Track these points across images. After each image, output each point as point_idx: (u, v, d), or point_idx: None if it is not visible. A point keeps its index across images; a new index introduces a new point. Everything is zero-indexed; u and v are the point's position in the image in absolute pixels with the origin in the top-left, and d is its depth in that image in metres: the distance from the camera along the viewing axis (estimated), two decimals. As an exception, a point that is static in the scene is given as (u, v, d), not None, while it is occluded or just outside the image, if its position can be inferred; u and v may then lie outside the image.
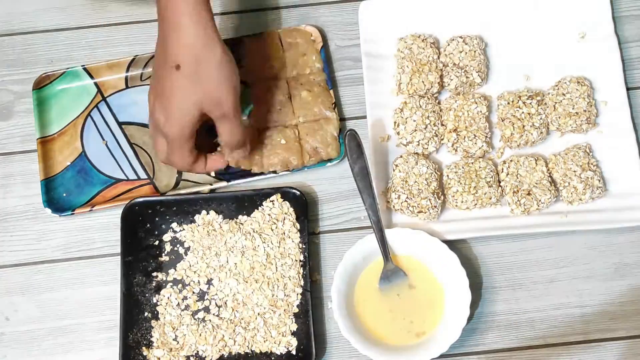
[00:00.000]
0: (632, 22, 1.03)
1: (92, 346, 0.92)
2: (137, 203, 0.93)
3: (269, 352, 0.89)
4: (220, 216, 0.94)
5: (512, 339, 0.91)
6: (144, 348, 0.89)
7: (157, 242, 0.94)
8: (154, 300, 0.91)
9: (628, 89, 0.98)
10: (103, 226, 0.96)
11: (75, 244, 0.95)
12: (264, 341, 0.89)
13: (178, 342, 0.90)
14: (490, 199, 0.92)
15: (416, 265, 0.91)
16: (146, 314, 0.91)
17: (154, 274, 0.92)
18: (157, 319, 0.91)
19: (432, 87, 0.97)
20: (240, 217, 0.94)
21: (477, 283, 0.91)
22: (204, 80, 0.84)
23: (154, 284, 0.92)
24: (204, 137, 0.92)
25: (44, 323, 0.93)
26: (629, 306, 0.91)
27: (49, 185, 0.96)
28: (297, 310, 0.90)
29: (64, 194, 0.96)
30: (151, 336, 0.90)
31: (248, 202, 0.94)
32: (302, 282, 0.91)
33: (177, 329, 0.90)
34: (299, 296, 0.91)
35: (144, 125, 0.98)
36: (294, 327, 0.90)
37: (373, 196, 0.90)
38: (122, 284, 0.91)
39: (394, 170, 0.94)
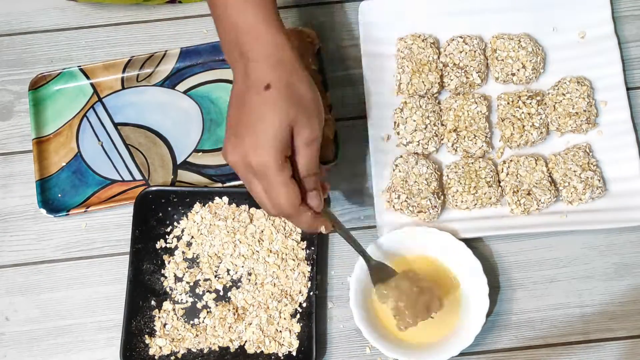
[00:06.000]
0: (632, 22, 1.02)
1: (92, 346, 0.92)
2: (150, 192, 0.93)
3: (269, 352, 0.89)
4: (233, 204, 0.94)
5: (512, 339, 0.91)
6: (146, 336, 0.90)
7: (168, 231, 0.94)
8: (161, 290, 0.92)
9: (628, 89, 0.98)
10: (103, 226, 0.96)
11: (75, 244, 0.95)
12: (266, 341, 0.89)
13: (180, 334, 0.90)
14: (490, 199, 0.92)
15: (434, 265, 0.91)
16: (152, 302, 0.91)
17: (163, 262, 0.93)
18: (162, 308, 0.91)
19: (432, 87, 0.97)
20: (252, 209, 0.94)
21: (477, 283, 0.91)
22: (297, 99, 0.75)
23: (161, 273, 0.92)
24: None
25: (44, 323, 0.93)
26: (629, 306, 0.91)
27: (44, 185, 0.96)
28: (301, 311, 0.90)
29: (59, 195, 0.96)
30: (154, 325, 0.90)
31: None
32: (309, 284, 0.91)
33: (181, 321, 0.91)
34: (305, 297, 0.91)
35: (140, 127, 0.98)
36: (297, 328, 0.90)
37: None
38: (130, 271, 0.91)
39: (394, 170, 0.94)
